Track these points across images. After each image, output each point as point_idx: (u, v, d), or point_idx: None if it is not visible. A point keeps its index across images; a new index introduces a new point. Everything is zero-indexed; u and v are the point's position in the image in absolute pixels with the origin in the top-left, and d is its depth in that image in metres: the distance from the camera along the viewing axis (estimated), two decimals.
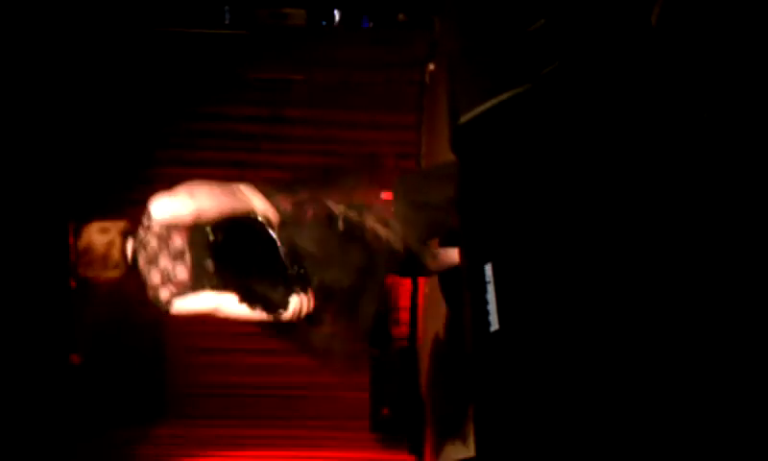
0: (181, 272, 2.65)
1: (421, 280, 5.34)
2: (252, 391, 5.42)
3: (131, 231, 2.74)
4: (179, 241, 2.65)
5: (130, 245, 2.72)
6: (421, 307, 5.39)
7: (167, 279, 2.65)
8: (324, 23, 5.48)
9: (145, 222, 2.66)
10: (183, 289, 2.65)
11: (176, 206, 2.61)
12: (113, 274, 2.75)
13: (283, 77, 5.32)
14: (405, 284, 5.42)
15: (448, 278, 3.83)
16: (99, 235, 2.74)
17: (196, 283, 2.65)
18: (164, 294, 2.66)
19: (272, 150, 5.32)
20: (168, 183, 5.33)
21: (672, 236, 1.50)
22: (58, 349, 4.97)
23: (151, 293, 2.69)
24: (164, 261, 2.65)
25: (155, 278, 2.66)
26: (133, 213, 5.24)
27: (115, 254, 2.72)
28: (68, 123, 5.00)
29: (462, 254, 1.94)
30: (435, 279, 4.36)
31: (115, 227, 2.76)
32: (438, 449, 4.11)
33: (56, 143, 4.89)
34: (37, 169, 4.70)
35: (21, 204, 4.56)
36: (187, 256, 2.65)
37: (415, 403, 4.95)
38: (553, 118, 1.92)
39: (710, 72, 1.76)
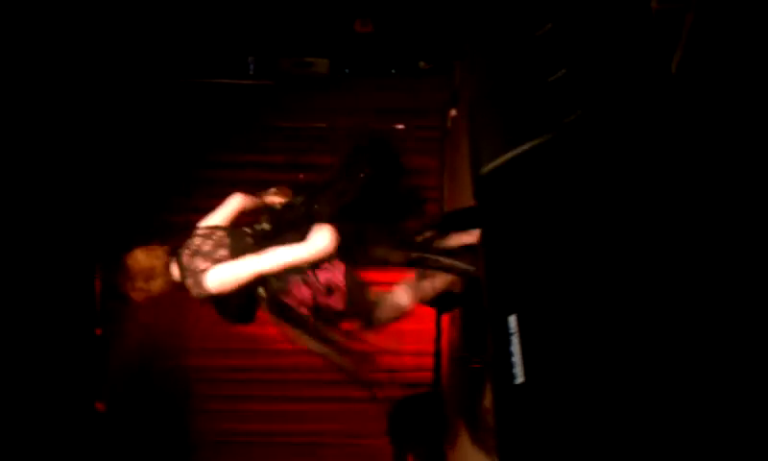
0: (222, 251, 2.83)
1: (445, 325, 5.31)
2: (265, 439, 5.39)
3: (172, 251, 2.90)
4: (219, 233, 2.91)
5: (173, 262, 2.87)
6: (446, 352, 5.35)
7: (209, 258, 2.82)
8: (347, 71, 5.55)
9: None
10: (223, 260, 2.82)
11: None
12: (157, 286, 2.87)
13: (306, 125, 5.38)
14: (428, 328, 5.39)
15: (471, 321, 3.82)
16: (142, 253, 2.89)
17: (235, 254, 2.82)
18: (203, 266, 2.81)
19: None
20: (192, 227, 5.40)
21: (698, 293, 1.48)
22: (83, 395, 4.98)
23: (191, 281, 2.81)
24: (207, 248, 2.85)
25: (198, 264, 2.82)
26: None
27: (159, 265, 2.85)
28: (95, 169, 5.09)
29: (486, 306, 1.93)
30: (458, 323, 4.34)
31: (158, 248, 2.92)
32: None
33: (83, 190, 4.97)
34: (65, 213, 4.77)
35: (48, 247, 4.62)
36: (227, 240, 2.88)
37: (437, 453, 4.88)
38: (575, 168, 1.91)
39: (730, 118, 1.76)
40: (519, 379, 1.59)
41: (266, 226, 2.96)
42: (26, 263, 4.42)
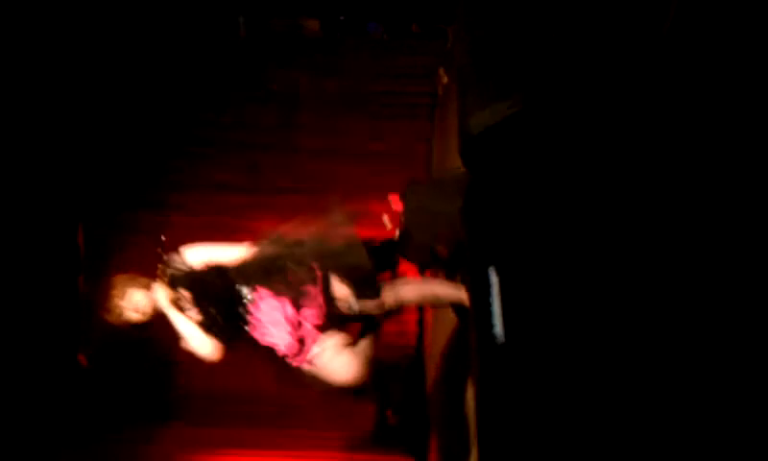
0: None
1: None
2: (248, 396, 5.40)
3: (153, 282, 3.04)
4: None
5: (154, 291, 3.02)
6: (429, 316, 5.38)
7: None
8: (338, 33, 5.51)
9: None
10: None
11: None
12: (136, 314, 3.03)
13: (296, 86, 5.35)
14: None
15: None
16: (125, 279, 3.05)
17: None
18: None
19: (284, 157, 5.34)
20: (179, 187, 5.35)
21: (676, 242, 1.50)
22: (65, 349, 4.99)
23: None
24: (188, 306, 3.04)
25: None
26: (145, 216, 5.29)
27: (139, 294, 3.01)
28: (81, 126, 5.04)
29: (468, 262, 1.95)
30: None
31: (141, 278, 3.06)
32: (442, 458, 4.08)
33: (69, 144, 4.93)
34: (49, 169, 4.74)
35: (32, 204, 4.59)
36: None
37: (420, 411, 4.92)
38: (562, 130, 1.92)
39: (720, 83, 1.76)
40: (499, 332, 1.61)
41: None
42: (9, 217, 4.41)
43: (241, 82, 5.41)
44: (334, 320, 3.11)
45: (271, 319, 3.06)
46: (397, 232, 4.00)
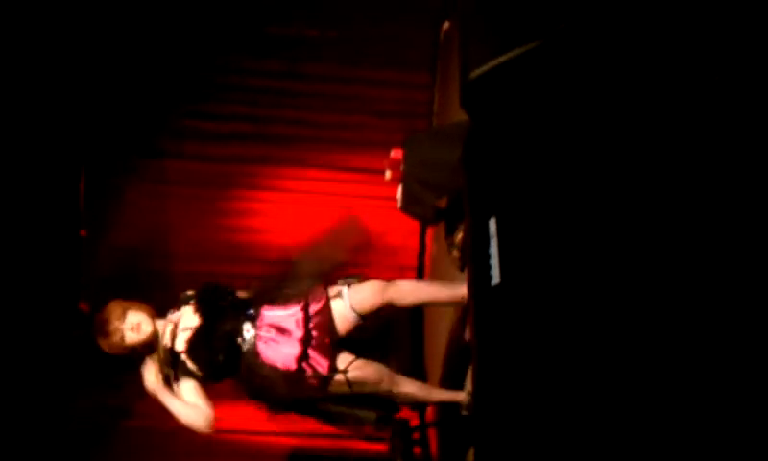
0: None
1: (429, 241, 5.35)
2: None
3: (154, 315, 3.11)
4: None
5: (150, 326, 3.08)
6: (428, 268, 5.40)
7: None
8: None
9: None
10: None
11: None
12: (135, 335, 3.07)
13: (298, 32, 5.28)
14: (412, 245, 5.43)
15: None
16: (123, 303, 3.12)
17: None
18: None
19: (285, 105, 5.30)
20: (180, 134, 5.30)
21: (676, 198, 1.49)
22: (67, 296, 5.02)
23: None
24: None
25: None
26: (146, 163, 5.26)
27: (136, 316, 3.07)
28: (84, 70, 4.99)
29: (467, 209, 1.94)
30: (442, 239, 4.37)
31: (137, 302, 3.13)
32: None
33: (71, 89, 4.89)
34: (51, 113, 4.71)
35: (33, 148, 4.57)
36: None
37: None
38: (564, 75, 1.90)
39: (720, 27, 1.73)
40: (496, 280, 1.62)
41: None
42: (9, 162, 4.39)
43: (243, 27, 5.33)
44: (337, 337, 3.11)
45: (278, 325, 3.07)
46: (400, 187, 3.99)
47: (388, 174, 4.08)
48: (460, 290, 3.18)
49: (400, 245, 5.38)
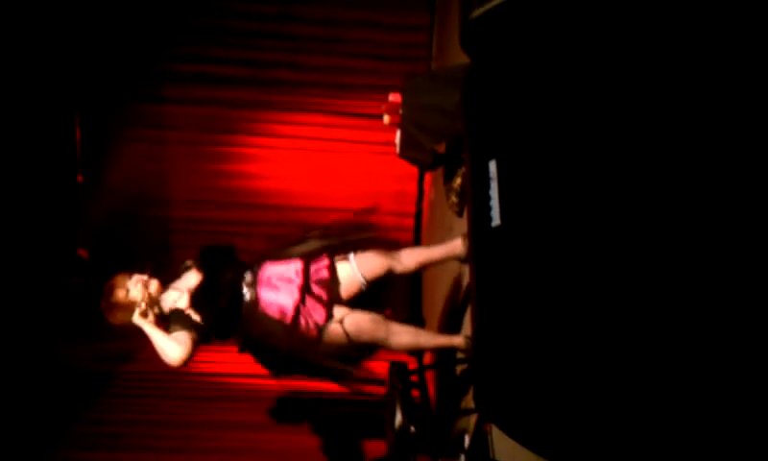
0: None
1: (427, 186, 5.34)
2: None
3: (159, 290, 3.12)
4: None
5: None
6: (426, 213, 5.41)
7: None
8: None
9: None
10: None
11: None
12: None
13: None
14: (410, 190, 5.42)
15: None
16: (124, 276, 3.11)
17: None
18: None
19: (281, 49, 5.23)
20: (177, 79, 5.23)
21: (678, 135, 1.47)
22: (65, 242, 5.02)
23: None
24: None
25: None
26: (143, 108, 5.21)
27: (137, 289, 3.07)
28: (78, 15, 4.91)
29: (467, 152, 1.93)
30: (440, 186, 4.36)
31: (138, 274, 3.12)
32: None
33: (66, 33, 4.82)
34: (46, 58, 4.64)
35: (28, 94, 4.53)
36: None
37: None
38: (566, 15, 1.86)
39: None
40: (496, 222, 1.61)
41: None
42: (4, 109, 4.35)
43: None
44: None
45: (279, 275, 3.09)
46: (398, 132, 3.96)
47: (386, 118, 4.04)
48: (456, 246, 3.27)
49: (399, 190, 5.38)
